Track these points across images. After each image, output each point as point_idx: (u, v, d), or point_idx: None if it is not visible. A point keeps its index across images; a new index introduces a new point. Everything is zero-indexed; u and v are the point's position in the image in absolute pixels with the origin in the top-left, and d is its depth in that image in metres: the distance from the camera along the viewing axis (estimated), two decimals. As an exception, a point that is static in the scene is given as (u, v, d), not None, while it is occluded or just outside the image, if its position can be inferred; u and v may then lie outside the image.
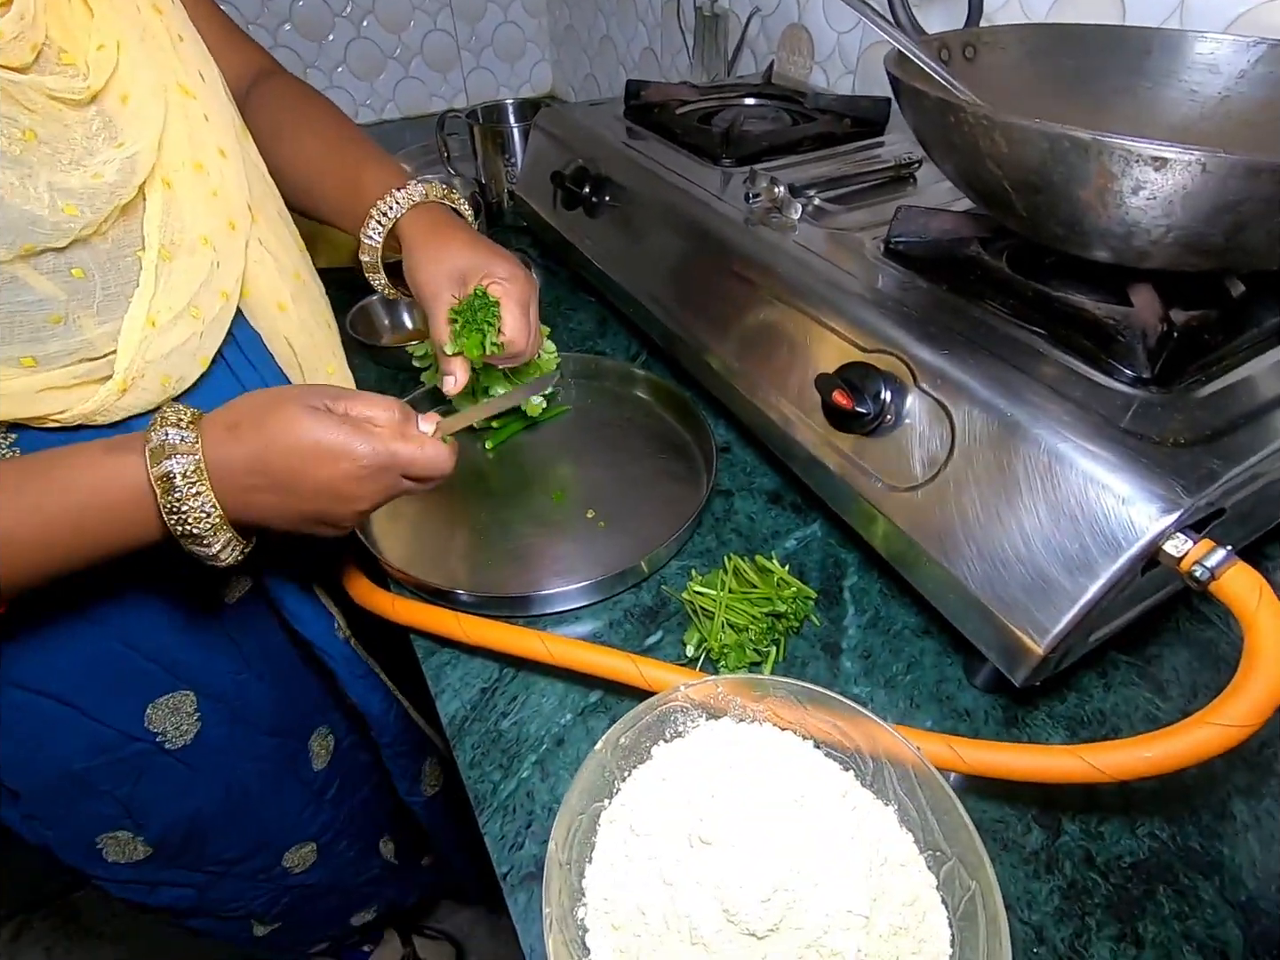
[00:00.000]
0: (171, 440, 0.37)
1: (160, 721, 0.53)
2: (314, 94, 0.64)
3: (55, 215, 0.38)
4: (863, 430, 0.48)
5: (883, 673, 0.49)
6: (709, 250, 0.66)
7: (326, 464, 0.39)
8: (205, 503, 0.37)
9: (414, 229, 0.55)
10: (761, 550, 0.57)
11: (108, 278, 0.42)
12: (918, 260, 0.55)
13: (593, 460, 0.65)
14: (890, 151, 0.76)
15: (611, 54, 1.39)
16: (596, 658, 0.45)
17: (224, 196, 0.48)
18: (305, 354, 0.55)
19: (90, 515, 0.37)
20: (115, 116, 0.42)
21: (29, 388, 0.39)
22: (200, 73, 0.49)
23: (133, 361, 0.42)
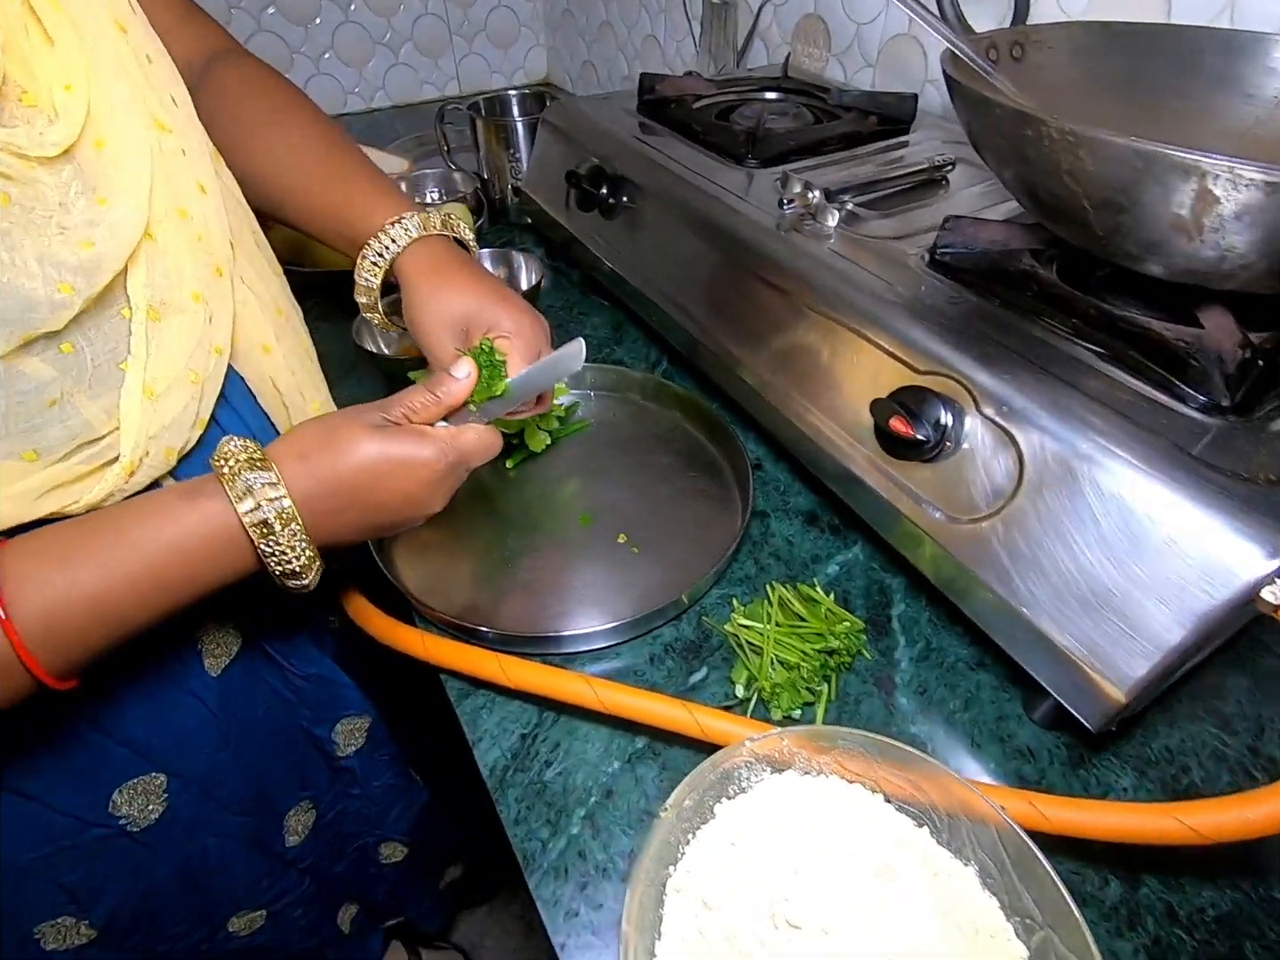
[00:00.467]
0: (256, 483, 0.36)
1: (125, 805, 0.49)
2: (283, 82, 0.57)
3: (51, 295, 0.33)
4: (919, 458, 0.46)
5: (940, 710, 0.47)
6: (737, 256, 0.63)
7: (402, 475, 0.40)
8: (300, 540, 0.37)
9: (412, 268, 0.50)
10: (802, 576, 0.55)
11: (95, 348, 0.38)
12: (966, 273, 0.52)
13: (619, 479, 0.63)
14: (917, 152, 0.73)
15: (611, 41, 1.35)
16: (649, 705, 0.42)
17: (208, 240, 0.43)
18: (290, 394, 0.51)
19: (173, 569, 0.36)
20: (90, 166, 0.37)
21: (31, 490, 0.35)
22: (173, 97, 0.43)
23: (138, 440, 0.38)
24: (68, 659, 0.35)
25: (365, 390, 0.73)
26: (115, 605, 0.35)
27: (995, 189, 0.65)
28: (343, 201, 0.52)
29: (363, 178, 0.53)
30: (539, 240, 0.99)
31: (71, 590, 0.34)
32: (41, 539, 0.35)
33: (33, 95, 0.35)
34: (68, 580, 0.34)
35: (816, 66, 0.95)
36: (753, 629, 0.50)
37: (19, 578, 0.33)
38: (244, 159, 0.51)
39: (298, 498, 0.37)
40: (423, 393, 0.43)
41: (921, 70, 0.82)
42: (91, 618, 0.34)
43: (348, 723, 0.60)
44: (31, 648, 0.33)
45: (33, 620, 0.33)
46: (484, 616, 0.52)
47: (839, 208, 0.60)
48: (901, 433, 0.44)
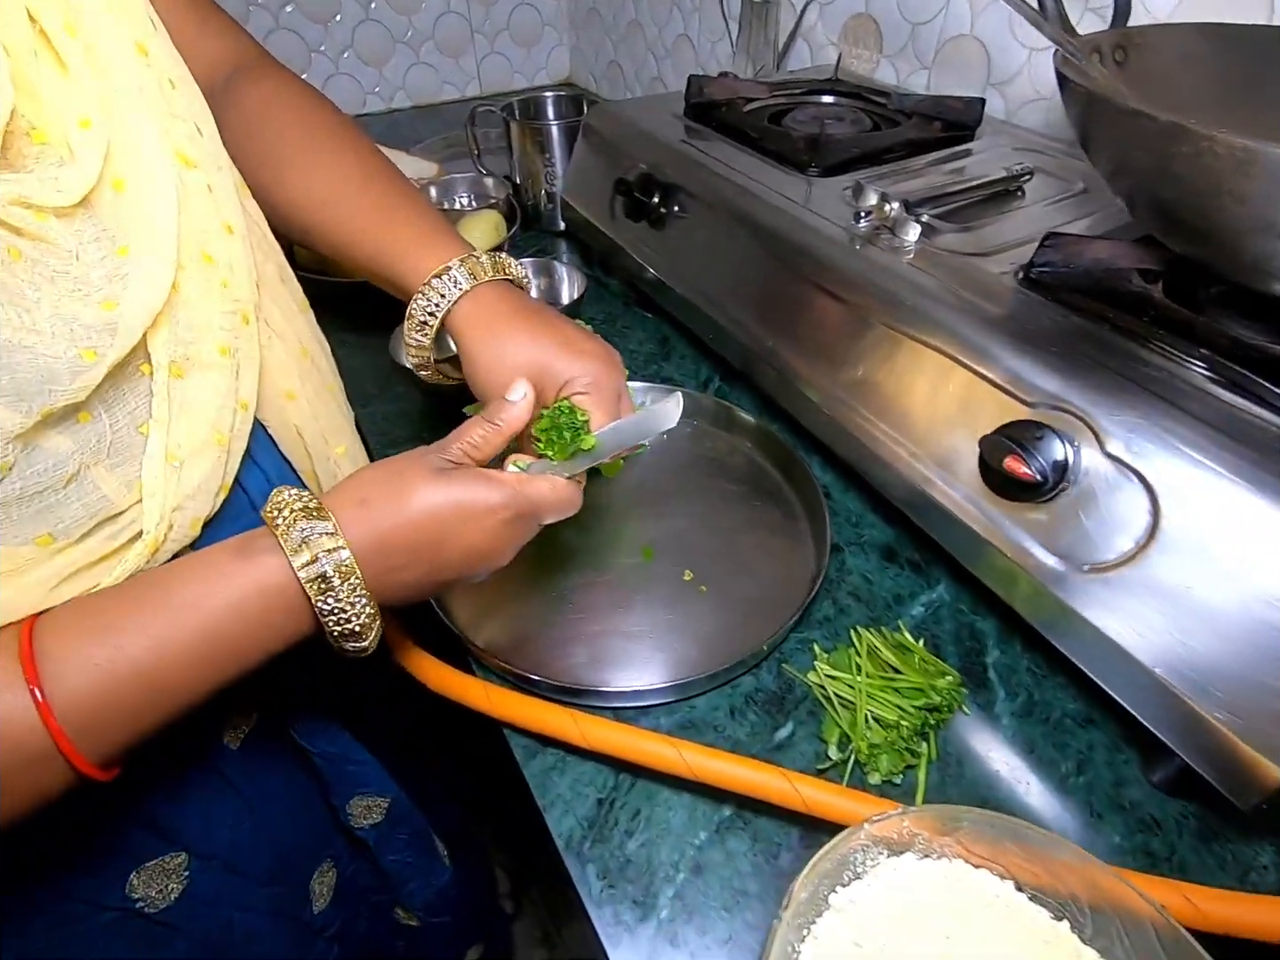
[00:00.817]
0: (313, 533, 0.33)
1: (144, 888, 0.44)
2: (315, 99, 0.51)
3: (73, 361, 0.29)
4: (1034, 499, 0.42)
5: (1051, 773, 0.43)
6: (804, 270, 0.59)
7: (469, 525, 0.36)
8: (360, 595, 0.34)
9: (465, 325, 0.44)
10: (886, 619, 0.51)
11: (114, 412, 0.33)
12: (1066, 293, 0.48)
13: (679, 509, 0.59)
14: (984, 160, 0.69)
15: (640, 40, 1.31)
16: (745, 774, 0.39)
17: (234, 284, 0.39)
18: (314, 440, 0.47)
19: (229, 636, 0.32)
20: (108, 211, 0.32)
21: (46, 579, 0.31)
22: (197, 126, 0.39)
23: (162, 512, 0.34)
24: (112, 745, 0.31)
25: (402, 408, 0.69)
26: (167, 681, 0.31)
27: (1078, 200, 0.61)
28: (385, 247, 0.46)
29: (404, 216, 0.47)
30: (575, 247, 0.95)
31: (118, 668, 0.30)
32: (80, 610, 0.31)
33: (43, 132, 0.30)
34: (112, 656, 0.30)
35: (866, 69, 0.91)
36: (841, 680, 0.46)
37: (58, 658, 0.29)
38: (273, 189, 0.47)
39: (357, 549, 0.34)
40: (481, 424, 0.39)
41: (983, 73, 0.78)
42: (141, 698, 0.31)
43: (363, 800, 0.56)
44: (74, 736, 0.29)
45: (75, 706, 0.29)
46: (541, 663, 0.48)
47: (918, 221, 0.56)
48: (1019, 474, 0.40)
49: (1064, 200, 0.62)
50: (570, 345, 0.43)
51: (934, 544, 0.52)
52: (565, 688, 0.45)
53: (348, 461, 0.51)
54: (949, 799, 0.42)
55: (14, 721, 0.28)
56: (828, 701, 0.46)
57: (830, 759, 0.43)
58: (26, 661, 0.29)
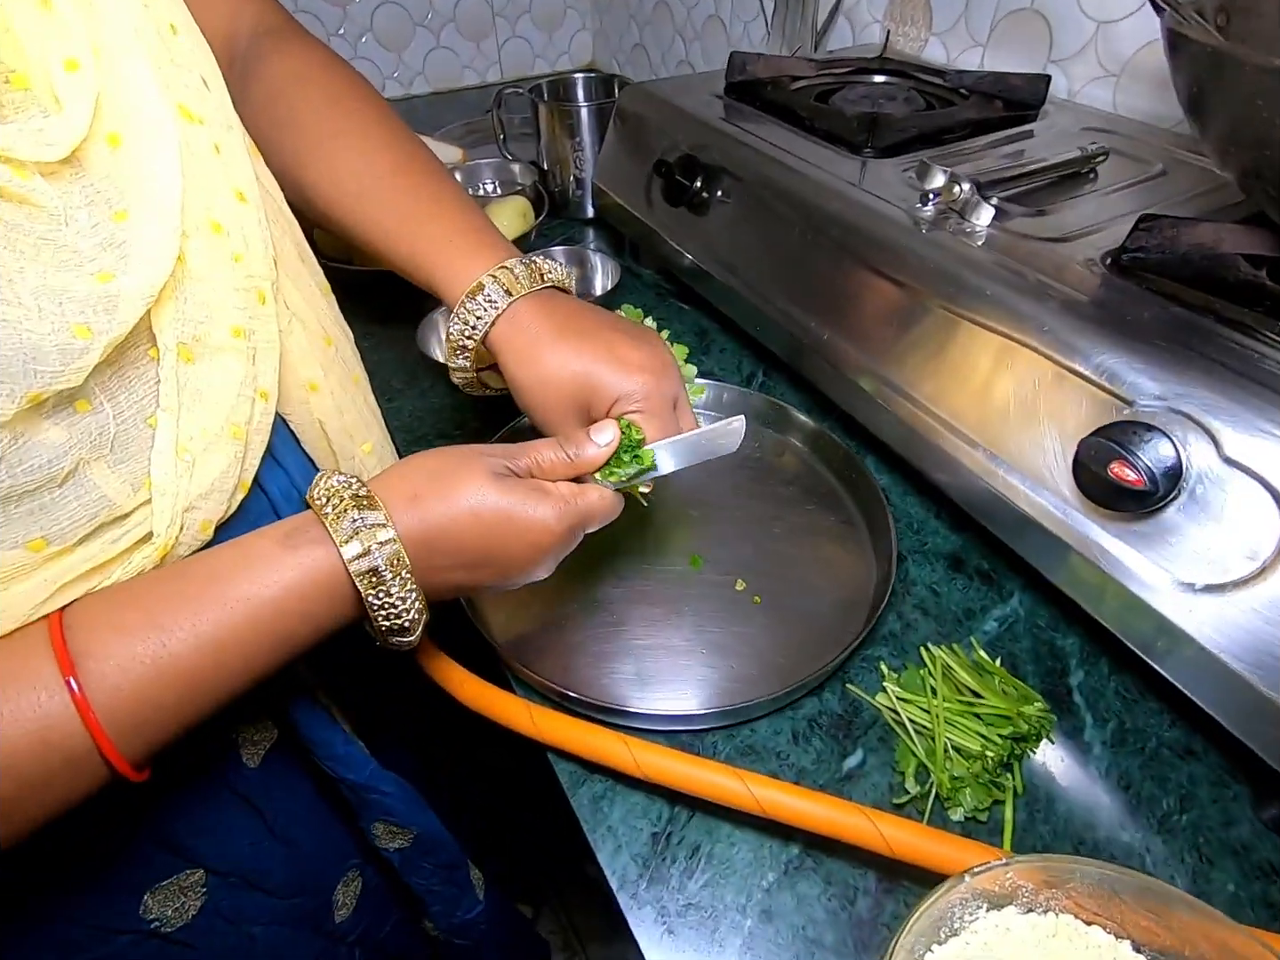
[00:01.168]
0: (365, 525, 0.31)
1: (159, 907, 0.42)
2: (346, 71, 0.47)
3: (62, 340, 0.25)
4: (1141, 510, 0.38)
5: (1152, 811, 0.39)
6: (862, 255, 0.55)
7: (516, 532, 0.35)
8: (411, 589, 0.33)
9: (506, 346, 0.41)
10: (956, 635, 0.47)
11: (118, 400, 0.30)
12: (1163, 281, 0.44)
13: (728, 514, 0.55)
14: (1047, 140, 0.64)
15: (667, 22, 1.26)
16: (820, 811, 0.35)
17: (248, 259, 0.35)
18: (338, 437, 0.43)
19: (275, 627, 0.31)
20: (103, 171, 0.28)
21: (35, 589, 0.28)
22: (203, 78, 0.35)
23: (173, 514, 0.31)
24: (150, 744, 0.29)
25: (430, 404, 0.66)
26: (210, 677, 0.29)
27: (1157, 183, 0.57)
28: (418, 253, 0.43)
29: (437, 215, 0.43)
30: (605, 235, 0.91)
31: (162, 665, 0.28)
32: (117, 602, 0.29)
33: (23, 76, 0.26)
34: (156, 653, 0.28)
35: (914, 47, 0.86)
36: (914, 704, 0.42)
37: (100, 655, 0.27)
38: (297, 171, 0.43)
39: (407, 543, 0.32)
40: (555, 449, 0.37)
41: (1044, 49, 0.73)
42: (183, 695, 0.29)
43: (388, 826, 0.53)
44: (115, 737, 0.27)
45: (117, 706, 0.27)
46: (585, 680, 0.45)
47: (990, 203, 0.52)
48: (1127, 481, 0.36)
49: (1142, 183, 0.57)
50: (618, 360, 0.40)
51: (1005, 552, 0.48)
52: (614, 709, 0.41)
53: (374, 460, 0.47)
54: (1039, 838, 0.38)
55: (53, 727, 0.26)
56: (900, 727, 0.42)
57: (908, 792, 0.39)
58: (63, 660, 0.27)
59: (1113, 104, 0.70)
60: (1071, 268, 0.47)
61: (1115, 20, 0.66)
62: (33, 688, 0.26)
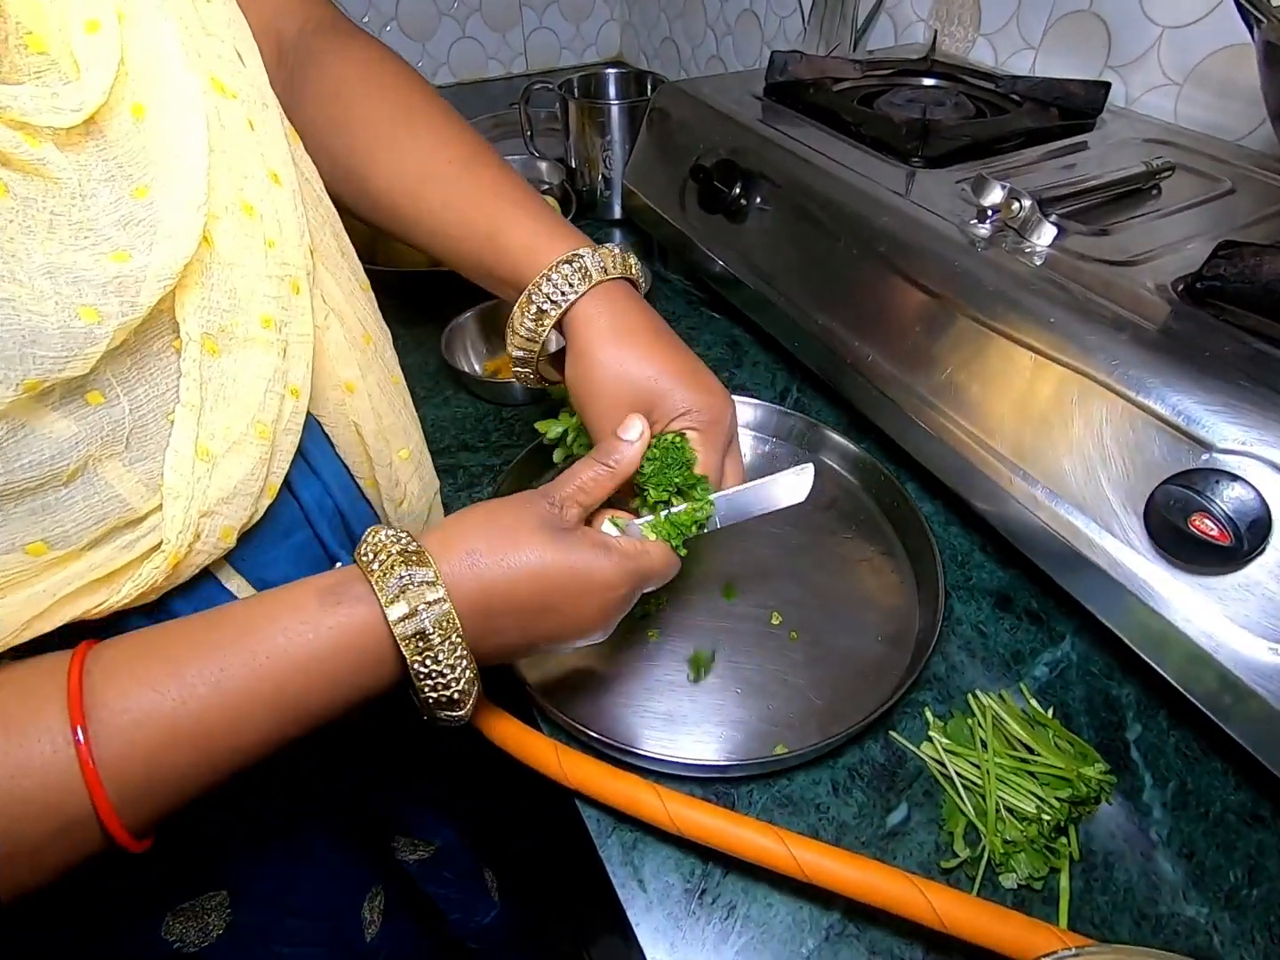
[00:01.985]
0: (414, 582, 0.29)
1: (181, 929, 0.40)
2: (406, 69, 0.46)
3: (66, 322, 0.23)
4: (1219, 566, 0.35)
5: (1218, 883, 0.36)
6: (911, 273, 0.52)
7: (581, 596, 0.33)
8: (462, 657, 0.30)
9: (588, 322, 0.39)
10: (1005, 679, 0.45)
11: (136, 392, 0.28)
12: (1244, 313, 0.41)
13: (762, 543, 0.53)
14: (1104, 153, 0.61)
15: (699, 16, 1.23)
16: (866, 879, 0.33)
17: (282, 245, 0.32)
18: (375, 441, 0.41)
19: (308, 691, 0.28)
20: (124, 143, 0.26)
21: (35, 599, 0.26)
22: (238, 50, 0.33)
23: (187, 519, 0.29)
24: (154, 812, 0.27)
25: (453, 413, 0.64)
26: (230, 740, 0.27)
27: (1226, 202, 0.53)
28: (497, 230, 0.41)
29: (519, 201, 0.41)
30: (632, 237, 0.88)
31: (179, 724, 0.25)
32: (143, 649, 0.27)
33: (40, 38, 0.24)
34: (175, 710, 0.25)
35: (960, 48, 0.83)
36: (962, 757, 0.40)
37: (115, 708, 0.25)
38: (363, 166, 0.41)
39: (459, 604, 0.30)
40: (591, 466, 0.35)
41: (1101, 54, 0.70)
42: (199, 758, 0.26)
43: (410, 839, 0.51)
44: (117, 801, 0.25)
45: (125, 768, 0.25)
46: (614, 719, 0.43)
47: (1054, 222, 0.49)
48: (1209, 535, 0.34)
49: (1209, 201, 0.54)
50: (694, 375, 0.39)
51: (1056, 589, 0.45)
52: (645, 755, 0.39)
53: (411, 466, 0.45)
54: (1098, 910, 0.36)
55: (51, 784, 0.24)
56: (948, 781, 0.39)
57: (957, 855, 0.37)
58: (75, 708, 0.25)
59: (1174, 114, 0.66)
60: (1141, 295, 0.44)
61: (1182, 25, 0.63)
62: (38, 740, 0.24)
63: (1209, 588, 0.37)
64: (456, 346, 0.64)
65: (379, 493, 0.42)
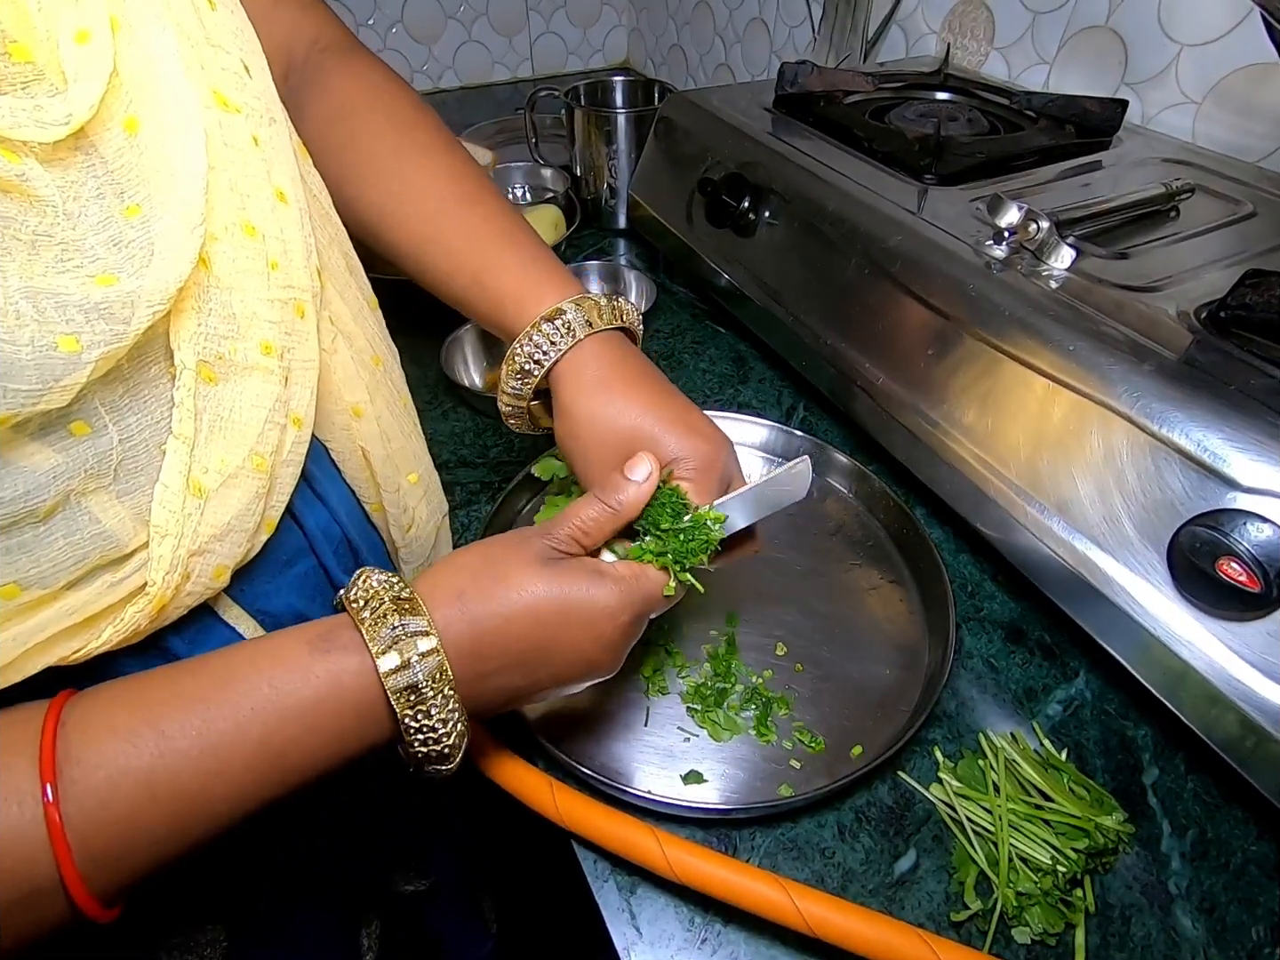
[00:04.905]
0: (406, 633, 0.27)
1: None
2: (410, 95, 0.45)
3: (43, 353, 0.22)
4: (1247, 611, 0.34)
5: (1239, 941, 0.35)
6: (922, 294, 0.51)
7: (579, 627, 0.31)
8: (453, 709, 0.28)
9: (573, 376, 0.38)
10: (1017, 717, 0.43)
11: (126, 422, 0.26)
12: (1269, 345, 0.40)
13: (766, 569, 0.51)
14: (1120, 172, 0.60)
15: (708, 23, 1.22)
16: (875, 935, 0.31)
17: (287, 267, 0.31)
18: (382, 466, 0.40)
19: (292, 746, 0.26)
20: (116, 159, 0.25)
21: (10, 643, 0.24)
22: (244, 62, 0.31)
23: (175, 558, 0.27)
24: (124, 878, 0.25)
25: (452, 428, 0.62)
26: (208, 799, 0.25)
27: (1246, 226, 0.52)
28: (484, 270, 0.40)
29: (511, 242, 0.41)
30: (637, 248, 0.87)
31: (156, 780, 0.24)
32: (120, 700, 0.25)
33: (25, 48, 0.22)
34: (152, 766, 0.24)
35: (973, 62, 0.81)
36: (973, 801, 0.38)
37: (89, 764, 0.23)
38: (355, 189, 0.40)
39: (450, 650, 0.28)
40: (592, 504, 0.33)
41: (1118, 71, 0.69)
42: (174, 819, 0.25)
43: (405, 873, 0.50)
44: (84, 866, 0.23)
45: (96, 830, 0.23)
46: (613, 756, 0.41)
47: (1071, 244, 0.48)
48: (1237, 580, 0.32)
49: (1230, 224, 0.53)
50: (685, 421, 0.37)
51: (1069, 623, 0.44)
52: (644, 795, 0.38)
53: (420, 490, 0.43)
54: (1115, 968, 0.34)
55: (18, 845, 0.22)
56: (958, 827, 0.38)
57: (967, 907, 0.35)
58: (46, 763, 0.23)
59: (1191, 133, 0.65)
60: (1164, 322, 0.43)
61: (1202, 44, 0.61)
62: (4, 797, 0.23)
63: (1233, 632, 0.35)
64: (455, 359, 0.63)
65: (386, 519, 0.41)
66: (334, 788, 0.41)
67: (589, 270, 0.73)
